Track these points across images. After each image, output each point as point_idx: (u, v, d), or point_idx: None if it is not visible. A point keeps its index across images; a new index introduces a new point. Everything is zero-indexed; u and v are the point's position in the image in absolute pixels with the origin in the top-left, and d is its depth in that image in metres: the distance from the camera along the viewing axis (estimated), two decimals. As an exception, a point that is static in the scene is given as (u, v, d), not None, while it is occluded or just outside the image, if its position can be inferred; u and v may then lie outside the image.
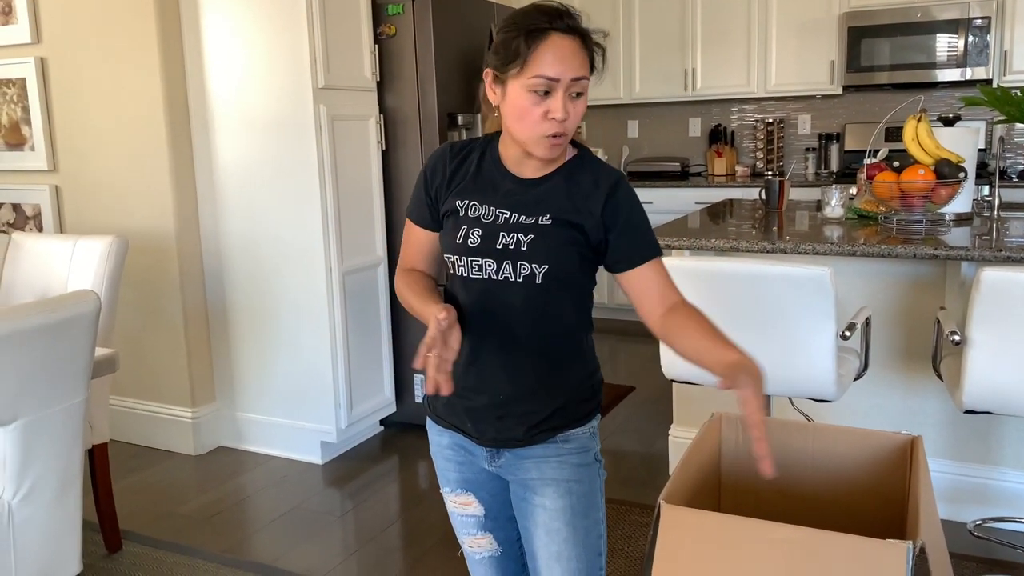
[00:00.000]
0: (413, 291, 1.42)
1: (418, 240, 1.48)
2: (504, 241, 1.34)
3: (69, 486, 1.90)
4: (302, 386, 3.33)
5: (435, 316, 1.23)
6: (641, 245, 1.37)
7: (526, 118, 1.29)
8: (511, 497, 1.49)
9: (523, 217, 1.35)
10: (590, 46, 1.31)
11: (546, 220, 1.34)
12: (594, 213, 1.35)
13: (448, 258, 1.40)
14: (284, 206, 3.22)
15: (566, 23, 1.28)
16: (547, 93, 1.27)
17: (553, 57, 1.25)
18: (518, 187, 1.38)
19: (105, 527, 2.65)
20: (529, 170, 1.38)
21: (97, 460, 2.61)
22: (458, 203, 1.39)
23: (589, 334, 1.46)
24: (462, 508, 1.53)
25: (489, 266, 1.35)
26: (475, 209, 1.38)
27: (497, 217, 1.36)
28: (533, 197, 1.36)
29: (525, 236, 1.34)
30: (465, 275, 1.38)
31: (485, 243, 1.35)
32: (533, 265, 1.34)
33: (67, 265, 2.67)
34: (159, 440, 3.51)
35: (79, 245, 2.67)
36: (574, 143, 1.42)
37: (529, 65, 1.27)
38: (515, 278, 1.35)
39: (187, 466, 3.36)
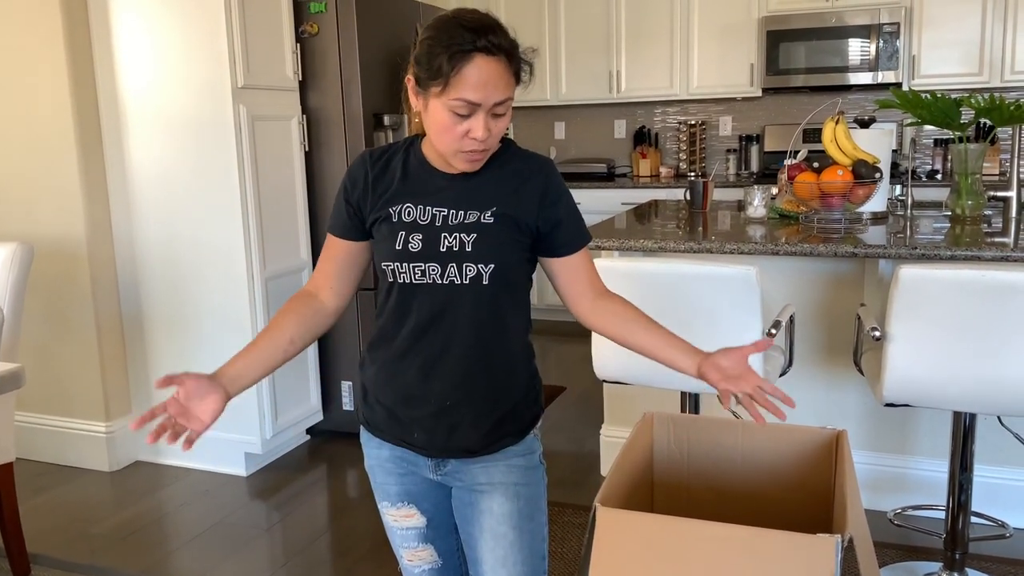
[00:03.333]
0: (257, 338, 1.42)
1: (336, 253, 1.41)
2: (447, 243, 1.30)
3: (-31, 510, 1.78)
4: (224, 396, 3.21)
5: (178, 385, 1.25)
6: (575, 232, 1.39)
7: (446, 135, 1.26)
8: (454, 503, 1.46)
9: (462, 213, 1.31)
10: (516, 63, 1.27)
11: (488, 217, 1.31)
12: (532, 203, 1.34)
13: (387, 266, 1.34)
14: (203, 209, 3.10)
15: (490, 41, 1.21)
16: (469, 115, 1.24)
17: (476, 81, 1.21)
18: (449, 182, 1.34)
19: (12, 550, 2.50)
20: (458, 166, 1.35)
21: (2, 480, 2.46)
22: (391, 209, 1.34)
23: (529, 335, 1.45)
24: (403, 521, 1.48)
25: (433, 270, 1.31)
26: (409, 212, 1.33)
27: (434, 217, 1.32)
28: (467, 188, 1.33)
29: (468, 236, 1.30)
30: (407, 281, 1.33)
31: (427, 247, 1.31)
32: (479, 265, 1.30)
33: (-34, 274, 2.51)
34: (70, 457, 3.34)
35: (-21, 252, 2.51)
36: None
37: (451, 87, 1.22)
38: (461, 280, 1.31)
39: (101, 483, 3.20)
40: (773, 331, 2.14)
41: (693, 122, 5.42)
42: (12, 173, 3.21)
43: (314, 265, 3.42)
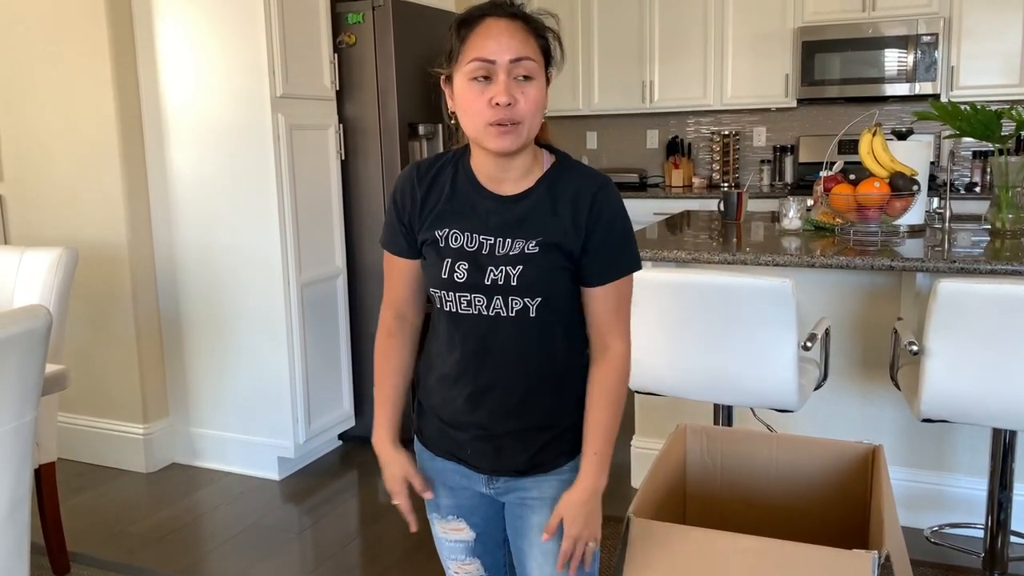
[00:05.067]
0: (381, 384, 1.43)
1: (400, 271, 1.39)
2: (493, 276, 1.27)
3: (17, 508, 1.82)
4: (259, 400, 3.26)
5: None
6: (610, 263, 1.30)
7: (472, 109, 1.23)
8: (507, 517, 1.45)
9: (508, 242, 1.27)
10: (535, 29, 1.24)
11: (533, 248, 1.26)
12: (580, 226, 1.27)
13: (434, 292, 1.32)
14: (241, 216, 3.16)
15: (500, 8, 1.23)
16: (489, 79, 1.21)
17: (486, 38, 1.21)
18: (498, 206, 1.29)
19: (52, 549, 2.56)
20: (508, 186, 1.30)
21: (44, 480, 2.52)
22: (437, 232, 1.31)
23: (584, 351, 1.38)
24: (452, 534, 1.48)
25: (479, 301, 1.28)
26: (456, 238, 1.29)
27: (481, 245, 1.28)
28: (516, 216, 1.28)
29: (514, 268, 1.26)
30: (453, 310, 1.30)
31: (473, 277, 1.28)
32: (525, 299, 1.27)
33: (13, 278, 2.58)
34: (109, 458, 3.40)
35: (26, 256, 2.58)
36: (552, 149, 1.35)
37: (465, 52, 1.22)
38: (507, 313, 1.28)
39: (139, 484, 3.26)
40: (808, 344, 2.13)
41: (726, 132, 5.40)
42: (58, 180, 3.30)
43: (350, 272, 3.47)
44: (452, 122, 1.31)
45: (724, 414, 2.36)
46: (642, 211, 5.04)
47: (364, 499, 3.10)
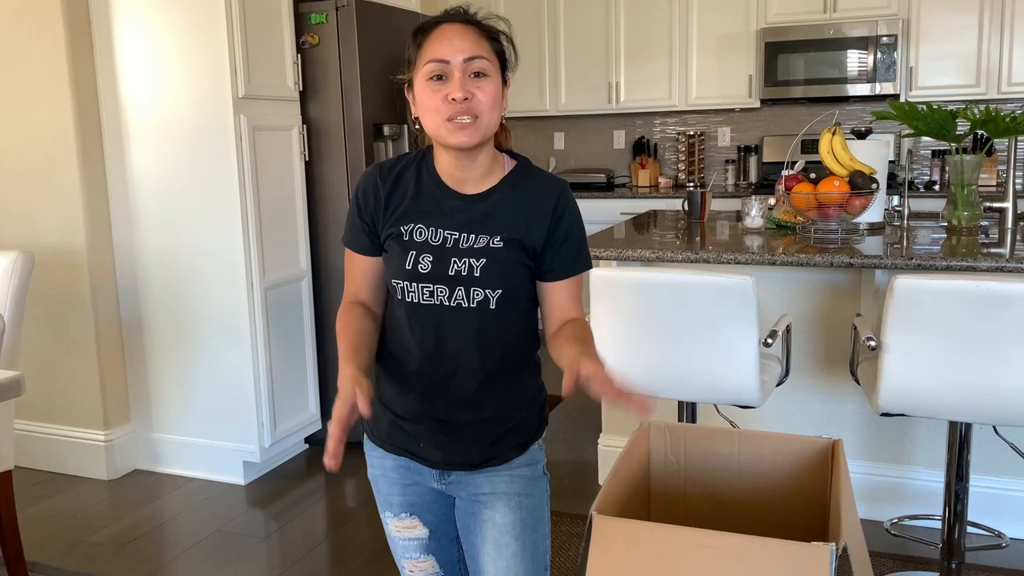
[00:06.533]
0: (344, 337, 1.35)
1: (361, 268, 1.41)
2: (456, 267, 1.31)
3: (-32, 517, 1.78)
4: (223, 404, 3.22)
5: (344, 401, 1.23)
6: (570, 260, 1.37)
7: (429, 107, 1.28)
8: (457, 513, 1.46)
9: (472, 237, 1.32)
10: (488, 32, 1.31)
11: (497, 243, 1.31)
12: (542, 226, 1.33)
13: (396, 283, 1.34)
14: (203, 218, 3.12)
15: (453, 15, 1.30)
16: (444, 79, 1.27)
17: (440, 41, 1.27)
18: (463, 204, 1.34)
19: (10, 559, 2.50)
20: (470, 185, 1.35)
21: (1, 489, 2.46)
22: (402, 227, 1.34)
23: (537, 350, 1.45)
24: (406, 532, 1.49)
25: (441, 292, 1.32)
26: (421, 233, 1.33)
27: (446, 239, 1.32)
28: (479, 213, 1.33)
29: (477, 261, 1.30)
30: (415, 301, 1.33)
31: (436, 269, 1.31)
32: (487, 291, 1.31)
33: (-34, 282, 2.52)
34: (69, 465, 3.34)
35: (-20, 261, 2.52)
36: (513, 154, 1.40)
37: (421, 56, 1.29)
38: (468, 304, 1.32)
39: (99, 492, 3.20)
40: (769, 341, 2.15)
41: (692, 133, 5.44)
42: (14, 182, 3.23)
43: (314, 275, 3.44)
44: (416, 127, 1.36)
45: (688, 411, 2.38)
46: (609, 211, 5.06)
47: (331, 502, 3.08)
